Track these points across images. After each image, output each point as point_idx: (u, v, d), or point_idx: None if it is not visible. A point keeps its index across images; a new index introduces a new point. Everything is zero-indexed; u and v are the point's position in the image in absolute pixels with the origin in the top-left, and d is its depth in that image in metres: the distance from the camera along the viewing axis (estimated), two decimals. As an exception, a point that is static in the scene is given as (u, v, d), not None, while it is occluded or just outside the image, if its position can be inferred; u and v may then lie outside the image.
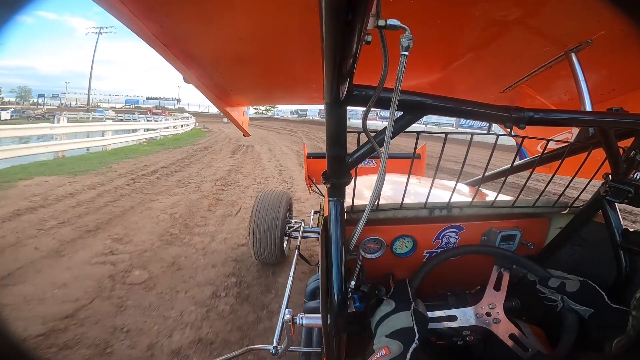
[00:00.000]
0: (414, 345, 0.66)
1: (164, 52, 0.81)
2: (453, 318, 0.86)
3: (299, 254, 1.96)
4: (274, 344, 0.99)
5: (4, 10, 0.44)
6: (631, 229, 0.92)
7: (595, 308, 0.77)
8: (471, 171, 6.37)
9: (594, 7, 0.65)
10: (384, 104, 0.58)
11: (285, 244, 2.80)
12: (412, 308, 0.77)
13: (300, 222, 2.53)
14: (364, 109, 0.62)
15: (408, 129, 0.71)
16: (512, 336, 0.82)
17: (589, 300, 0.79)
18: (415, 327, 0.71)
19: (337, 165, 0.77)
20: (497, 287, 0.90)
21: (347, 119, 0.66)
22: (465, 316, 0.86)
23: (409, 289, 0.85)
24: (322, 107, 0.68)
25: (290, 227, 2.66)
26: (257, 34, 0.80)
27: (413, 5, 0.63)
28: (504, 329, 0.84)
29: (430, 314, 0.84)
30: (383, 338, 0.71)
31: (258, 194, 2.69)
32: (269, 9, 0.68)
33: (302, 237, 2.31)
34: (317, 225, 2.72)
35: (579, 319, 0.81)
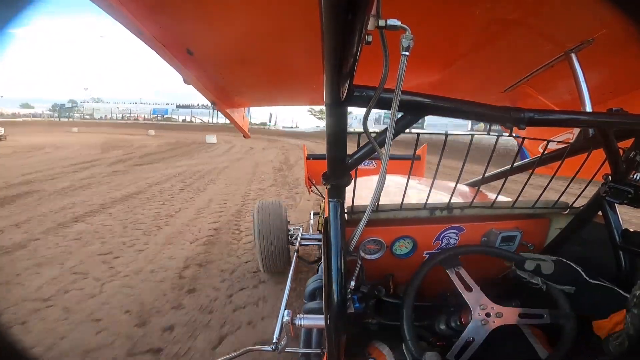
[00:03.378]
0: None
1: (163, 53, 0.81)
2: (470, 341, 0.82)
3: (298, 257, 1.98)
4: (274, 342, 0.99)
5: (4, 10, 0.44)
6: (631, 229, 0.92)
7: (575, 285, 0.80)
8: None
9: (594, 7, 0.65)
10: (384, 104, 0.58)
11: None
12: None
13: (299, 229, 2.55)
14: (364, 110, 0.62)
15: (408, 130, 0.71)
16: (521, 315, 0.83)
17: (567, 280, 0.82)
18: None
19: (337, 166, 0.76)
20: (468, 289, 0.87)
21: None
22: (478, 332, 0.82)
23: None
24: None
25: (291, 235, 2.67)
26: (257, 34, 0.80)
27: (413, 5, 0.63)
28: (512, 314, 0.83)
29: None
30: (379, 346, 0.73)
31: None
32: (268, 9, 0.68)
33: (300, 245, 2.32)
34: (318, 227, 2.73)
35: (578, 320, 0.80)
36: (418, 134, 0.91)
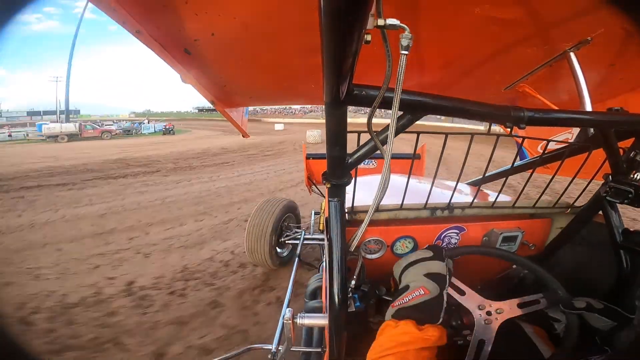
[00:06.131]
0: (446, 289, 0.74)
1: (161, 52, 0.81)
2: (482, 343, 0.79)
3: (300, 261, 2.00)
4: (274, 345, 0.99)
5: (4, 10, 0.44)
6: (631, 229, 0.92)
7: (618, 322, 0.76)
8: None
9: (592, 6, 0.65)
10: (385, 103, 0.58)
11: (286, 253, 2.85)
12: (446, 261, 0.81)
13: (301, 231, 2.57)
14: (362, 108, 0.62)
15: (408, 129, 0.71)
16: (520, 305, 0.82)
17: (614, 317, 0.78)
18: (447, 275, 0.77)
19: (337, 165, 0.76)
20: (461, 293, 0.85)
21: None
22: (485, 331, 0.80)
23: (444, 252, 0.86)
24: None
25: (287, 235, 2.70)
26: (256, 33, 0.80)
27: (412, 4, 0.63)
28: (511, 307, 0.82)
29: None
30: (421, 277, 0.76)
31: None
32: (267, 8, 0.68)
33: (303, 245, 2.37)
34: (319, 227, 2.74)
35: (580, 321, 0.80)
36: (418, 133, 0.91)
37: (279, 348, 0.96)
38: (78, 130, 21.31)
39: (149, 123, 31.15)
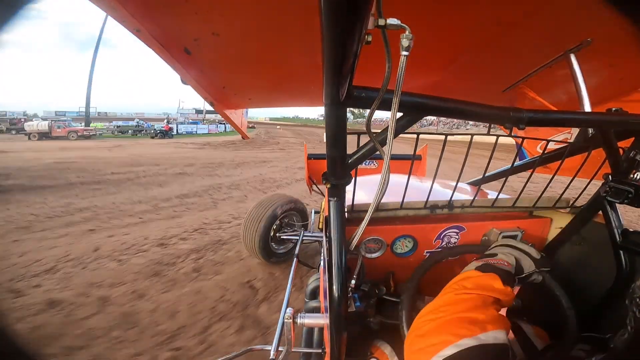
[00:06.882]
0: (517, 279, 0.80)
1: (161, 52, 0.81)
2: None
3: (299, 261, 2.00)
4: (274, 345, 0.99)
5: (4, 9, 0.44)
6: (631, 229, 0.92)
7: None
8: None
9: (593, 8, 0.65)
10: (384, 105, 0.58)
11: (283, 249, 2.86)
12: (540, 271, 0.83)
13: (300, 229, 2.58)
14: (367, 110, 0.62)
15: (408, 130, 0.71)
16: (517, 332, 0.82)
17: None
18: (526, 275, 0.81)
19: (337, 165, 0.76)
20: None
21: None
22: None
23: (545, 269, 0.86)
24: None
25: (284, 232, 2.73)
26: (256, 33, 0.79)
27: (412, 5, 0.63)
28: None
29: None
30: (511, 257, 0.82)
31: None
32: (268, 8, 0.68)
33: (302, 243, 2.39)
34: (319, 225, 2.75)
35: (579, 318, 0.81)
36: (418, 133, 0.91)
37: (280, 349, 0.96)
38: (49, 129, 21.41)
39: (169, 123, 33.72)
